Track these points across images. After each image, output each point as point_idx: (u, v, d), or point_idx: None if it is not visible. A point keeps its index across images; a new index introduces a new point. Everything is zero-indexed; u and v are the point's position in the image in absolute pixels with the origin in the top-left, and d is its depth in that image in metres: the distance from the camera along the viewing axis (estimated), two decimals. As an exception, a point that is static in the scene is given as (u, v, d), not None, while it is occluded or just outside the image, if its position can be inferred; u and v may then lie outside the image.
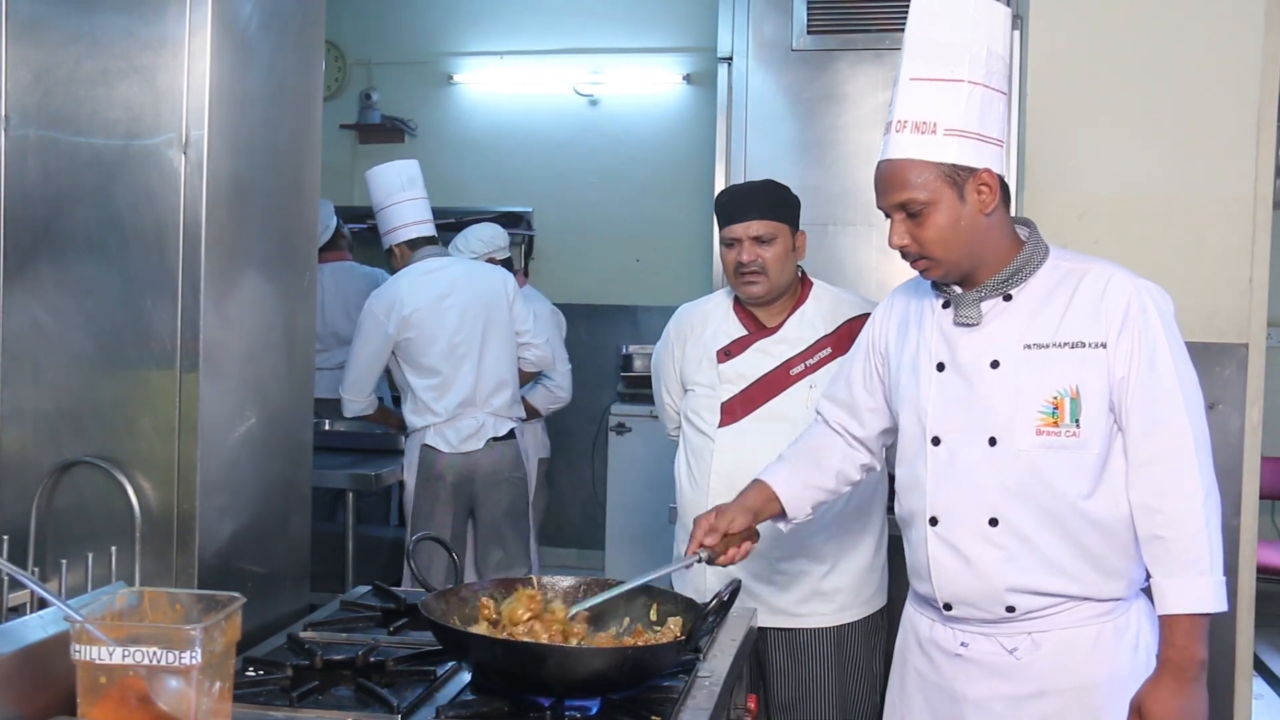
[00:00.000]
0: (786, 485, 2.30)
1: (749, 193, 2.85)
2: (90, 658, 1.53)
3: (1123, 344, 2.00)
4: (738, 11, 3.80)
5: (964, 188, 2.00)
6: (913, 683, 2.23)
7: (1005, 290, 2.07)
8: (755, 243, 2.77)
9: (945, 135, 1.99)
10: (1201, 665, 1.96)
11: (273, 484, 2.32)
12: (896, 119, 2.03)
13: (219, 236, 2.09)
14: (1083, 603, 2.05)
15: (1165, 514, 1.97)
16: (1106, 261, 2.10)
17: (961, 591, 2.09)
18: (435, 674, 1.96)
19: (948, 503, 2.09)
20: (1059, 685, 2.06)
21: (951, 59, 2.00)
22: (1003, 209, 2.06)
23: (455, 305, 4.31)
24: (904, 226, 2.04)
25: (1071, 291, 2.04)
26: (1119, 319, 2.00)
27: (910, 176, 2.01)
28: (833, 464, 2.33)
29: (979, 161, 2.00)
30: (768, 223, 2.77)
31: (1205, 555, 1.95)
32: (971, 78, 1.99)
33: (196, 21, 2.05)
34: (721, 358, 2.84)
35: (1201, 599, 1.94)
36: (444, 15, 6.95)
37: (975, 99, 1.99)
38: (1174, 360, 2.00)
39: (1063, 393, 2.02)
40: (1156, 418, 1.98)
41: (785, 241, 2.79)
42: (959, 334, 2.09)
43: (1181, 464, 1.97)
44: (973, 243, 2.03)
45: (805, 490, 2.31)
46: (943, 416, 2.10)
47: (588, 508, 6.58)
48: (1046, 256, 2.09)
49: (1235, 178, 2.98)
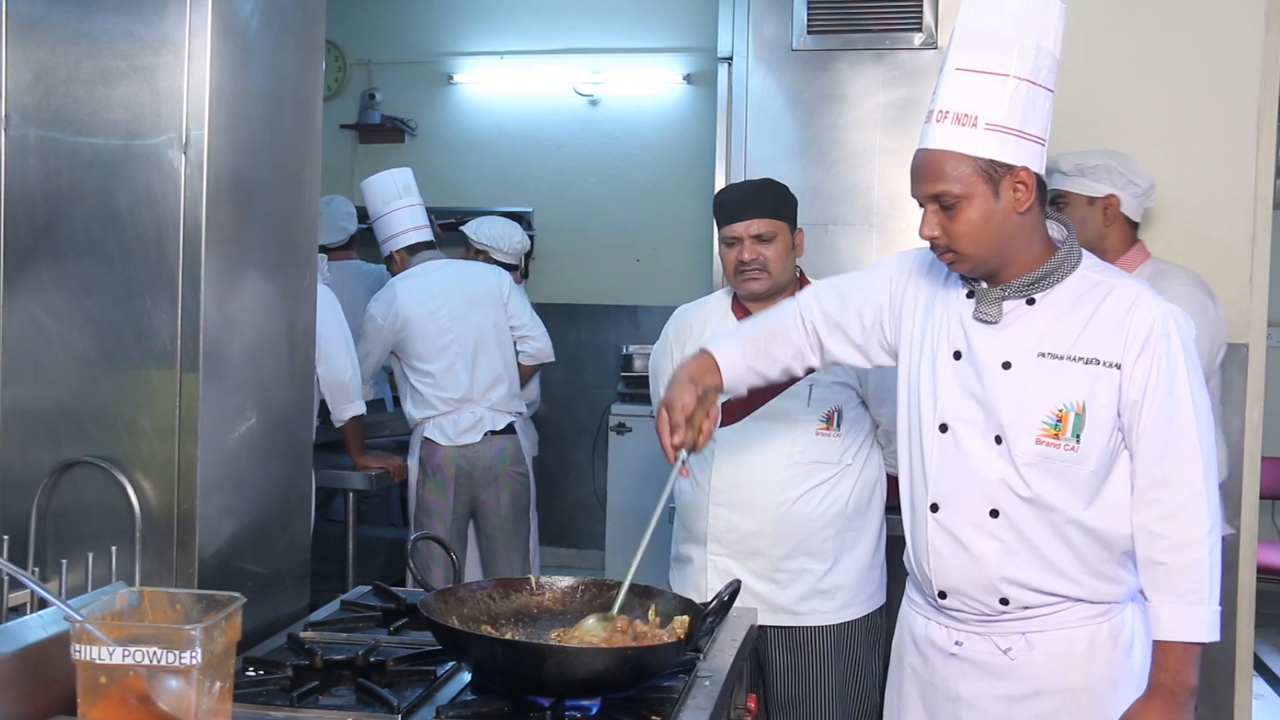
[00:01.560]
0: (729, 362, 2.27)
1: (749, 191, 2.87)
2: (90, 658, 1.53)
3: (1140, 367, 1.98)
4: (738, 11, 3.80)
5: (999, 184, 1.97)
6: (909, 681, 2.23)
7: (1029, 294, 2.04)
8: (756, 241, 2.79)
9: (986, 129, 1.96)
10: (1192, 692, 1.95)
11: (273, 484, 2.32)
12: (938, 108, 2.00)
13: (219, 236, 2.09)
14: (1077, 604, 2.05)
15: (1170, 540, 1.95)
16: (1135, 280, 2.08)
17: (956, 580, 2.09)
18: (435, 674, 1.96)
19: (950, 490, 2.09)
20: (1053, 686, 2.06)
21: (999, 51, 1.97)
22: (1038, 209, 2.02)
23: (448, 305, 4.42)
24: (936, 218, 2.02)
25: (1095, 306, 2.02)
26: (1140, 341, 1.98)
27: (946, 168, 1.98)
28: (782, 356, 2.31)
29: (1017, 159, 1.97)
30: (768, 221, 2.80)
31: (1205, 585, 1.93)
32: (1018, 73, 1.96)
33: (196, 22, 2.05)
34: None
35: (1198, 629, 1.93)
36: (444, 15, 6.95)
37: (1020, 95, 1.96)
38: (1191, 387, 1.97)
39: (1068, 406, 2.00)
40: (1169, 443, 1.96)
41: (785, 239, 2.83)
42: (977, 328, 2.08)
43: (1190, 491, 1.95)
44: (1003, 240, 2.01)
45: (747, 372, 2.29)
46: (953, 405, 2.09)
47: (588, 507, 6.58)
48: (1078, 264, 2.06)
49: (1235, 178, 2.99)
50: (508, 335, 4.58)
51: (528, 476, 4.58)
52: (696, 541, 2.89)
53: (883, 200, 3.55)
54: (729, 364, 2.26)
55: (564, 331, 5.82)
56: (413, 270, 4.48)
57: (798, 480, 2.79)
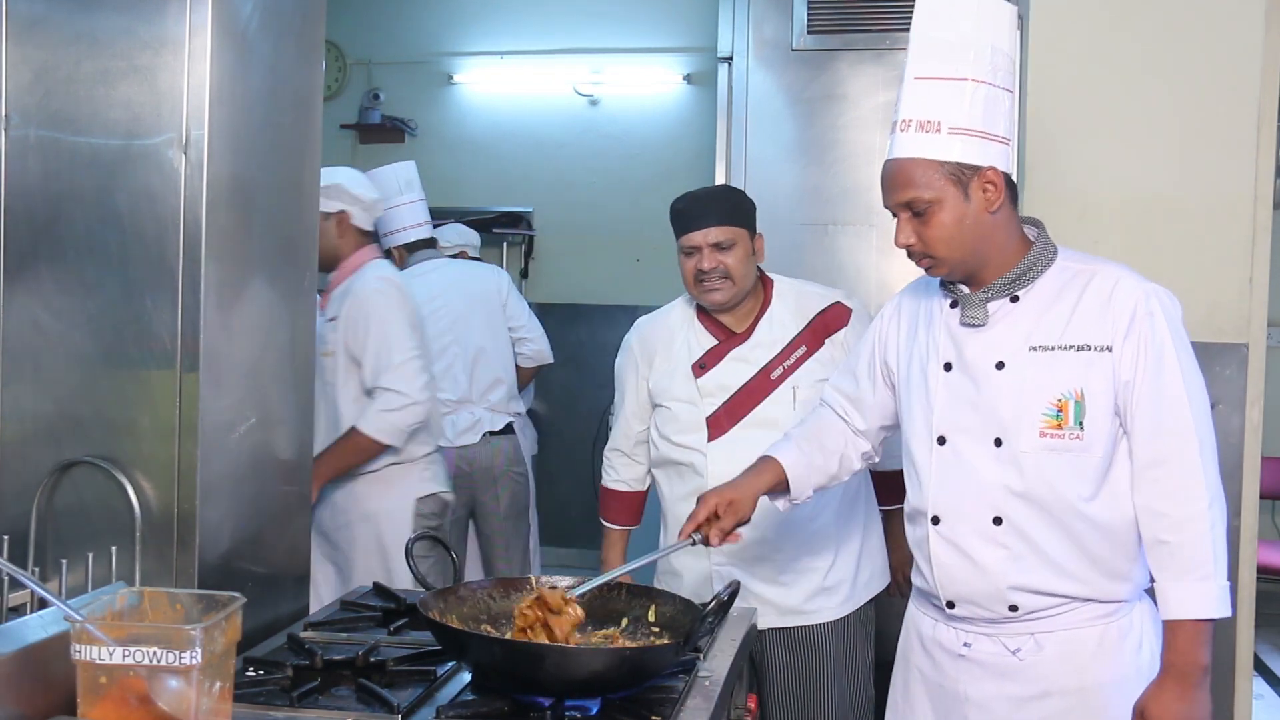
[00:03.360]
0: (794, 463, 2.29)
1: (705, 199, 2.82)
2: (90, 658, 1.53)
3: (1129, 347, 1.99)
4: (738, 11, 3.79)
5: (969, 186, 2.00)
6: (916, 683, 2.23)
7: (1012, 292, 2.06)
8: (715, 249, 2.74)
9: (950, 134, 1.99)
10: (1204, 670, 1.95)
11: (273, 484, 2.32)
12: (901, 118, 2.03)
13: (219, 237, 2.09)
14: (1086, 604, 2.05)
15: (1169, 518, 1.96)
16: (1115, 264, 2.10)
17: (964, 590, 2.09)
18: (435, 674, 1.96)
19: (950, 502, 2.09)
20: (1062, 686, 2.06)
21: (955, 57, 2.00)
22: (1009, 207, 2.05)
23: (446, 306, 4.37)
24: (910, 225, 2.05)
25: (1079, 294, 2.04)
26: (1125, 322, 2.00)
27: (915, 175, 2.01)
28: (836, 447, 2.33)
29: (984, 160, 2.00)
30: (726, 228, 2.74)
31: (1209, 560, 1.94)
32: (975, 76, 1.99)
33: (196, 21, 2.05)
34: (697, 371, 2.81)
35: (1205, 604, 1.94)
36: (444, 15, 6.95)
37: (979, 97, 1.99)
38: (1180, 364, 1.99)
39: (1067, 395, 2.01)
40: (1161, 421, 1.98)
41: (745, 246, 2.77)
42: (965, 334, 2.10)
43: (1186, 468, 1.96)
44: (978, 241, 2.03)
45: (810, 471, 2.31)
46: (948, 416, 2.10)
47: (588, 507, 6.57)
48: (1055, 258, 2.08)
49: (1235, 178, 2.98)
50: (506, 336, 4.56)
51: (527, 476, 4.59)
52: (696, 554, 2.84)
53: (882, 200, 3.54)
54: (793, 466, 2.29)
55: (564, 331, 5.82)
56: (412, 270, 4.43)
57: None
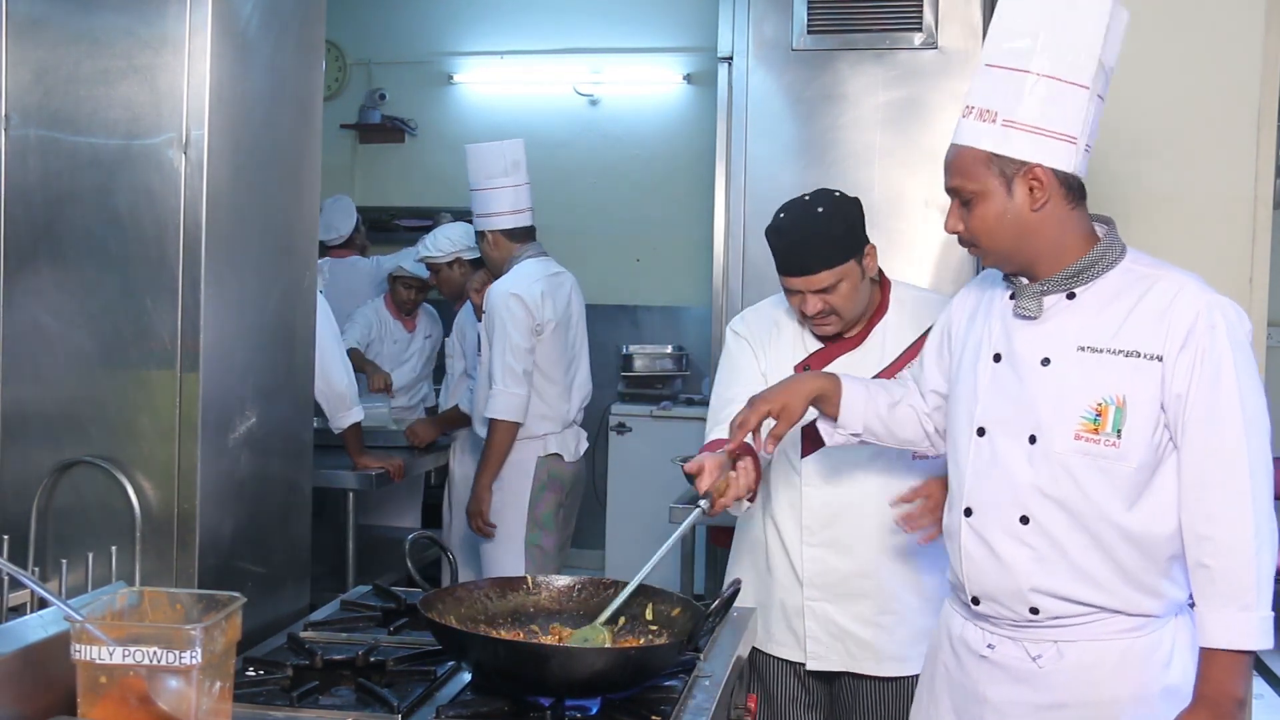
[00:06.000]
0: (851, 387, 2.24)
1: (802, 244, 2.45)
2: (90, 658, 1.53)
3: (1184, 359, 1.91)
4: (738, 11, 3.79)
5: (1012, 181, 1.97)
6: (940, 679, 2.20)
7: (1069, 288, 2.01)
8: (820, 293, 2.46)
9: (1004, 125, 1.96)
10: (1239, 704, 1.87)
11: (273, 484, 2.32)
12: (967, 103, 2.01)
13: (219, 236, 2.09)
14: (1113, 615, 1.99)
15: (1214, 541, 1.89)
16: (1184, 272, 2.01)
17: (988, 586, 2.06)
18: (435, 674, 1.96)
19: (983, 495, 2.06)
20: (1080, 698, 2.01)
21: (1025, 48, 1.95)
22: (1064, 206, 1.99)
23: (573, 315, 4.19)
24: (957, 212, 2.04)
25: (1138, 298, 1.97)
26: (1183, 333, 1.92)
27: (964, 163, 2.00)
28: (902, 411, 2.28)
29: (1034, 156, 1.95)
30: (828, 272, 2.44)
31: (1251, 589, 1.86)
32: (1040, 69, 1.94)
33: (196, 21, 2.05)
34: (800, 371, 2.51)
35: (1244, 636, 1.86)
36: (444, 15, 6.95)
37: (1040, 91, 1.94)
38: (1239, 382, 1.90)
39: (1108, 400, 1.95)
40: (1211, 440, 1.90)
41: (853, 277, 2.46)
42: (1018, 326, 2.06)
43: (1234, 492, 1.88)
44: (1019, 237, 1.99)
45: (865, 404, 2.25)
46: (990, 408, 2.07)
47: (588, 507, 6.57)
48: (1121, 258, 2.02)
49: (1235, 178, 2.98)
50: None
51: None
52: (789, 588, 2.58)
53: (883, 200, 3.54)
54: (850, 394, 2.23)
55: (564, 331, 5.81)
56: (539, 267, 4.08)
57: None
